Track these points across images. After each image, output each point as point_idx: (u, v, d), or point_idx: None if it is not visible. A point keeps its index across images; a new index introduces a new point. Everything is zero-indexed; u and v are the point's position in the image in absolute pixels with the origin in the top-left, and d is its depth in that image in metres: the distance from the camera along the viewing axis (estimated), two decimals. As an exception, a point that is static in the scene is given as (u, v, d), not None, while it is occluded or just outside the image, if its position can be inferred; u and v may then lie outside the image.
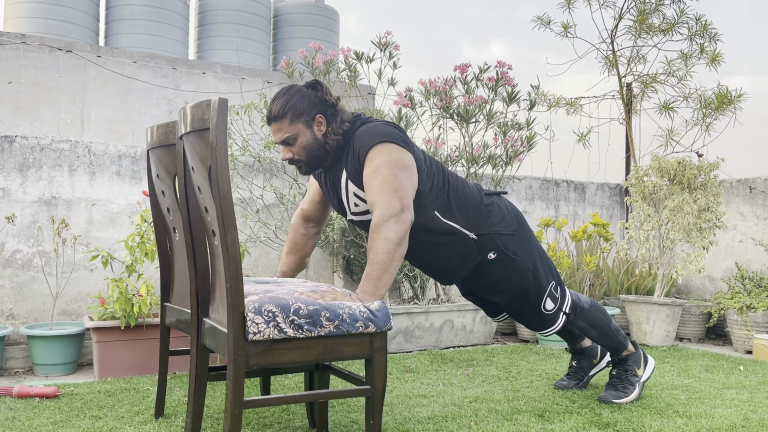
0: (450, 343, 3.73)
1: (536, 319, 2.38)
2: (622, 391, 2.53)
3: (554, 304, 2.37)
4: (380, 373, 1.79)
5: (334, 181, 2.12)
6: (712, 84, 6.51)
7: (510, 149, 3.90)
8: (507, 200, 2.36)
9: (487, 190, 2.33)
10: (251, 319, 1.62)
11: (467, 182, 2.28)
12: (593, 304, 2.51)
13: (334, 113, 2.05)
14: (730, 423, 2.25)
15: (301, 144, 2.02)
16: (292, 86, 2.06)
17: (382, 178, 1.92)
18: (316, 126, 2.03)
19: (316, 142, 2.03)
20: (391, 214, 1.88)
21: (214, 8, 6.74)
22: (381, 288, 1.85)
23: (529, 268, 2.29)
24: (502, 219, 2.25)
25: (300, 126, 2.01)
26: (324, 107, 2.04)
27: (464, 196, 2.21)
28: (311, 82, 2.07)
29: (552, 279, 2.37)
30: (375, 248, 1.86)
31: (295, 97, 2.01)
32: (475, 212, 2.21)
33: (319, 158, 2.07)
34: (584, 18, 6.13)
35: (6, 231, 3.09)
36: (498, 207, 2.27)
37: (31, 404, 2.35)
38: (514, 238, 2.26)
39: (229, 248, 1.60)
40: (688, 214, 3.76)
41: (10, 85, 4.63)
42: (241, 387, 1.61)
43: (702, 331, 4.17)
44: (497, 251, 2.23)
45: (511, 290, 2.31)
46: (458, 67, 3.86)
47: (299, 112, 2.00)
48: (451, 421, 2.25)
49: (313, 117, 2.02)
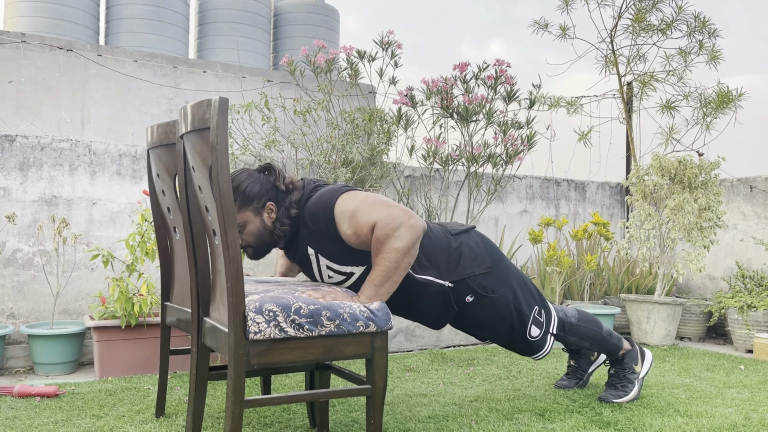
0: (450, 342, 3.73)
1: (524, 347, 2.32)
2: (621, 390, 2.53)
3: (540, 330, 2.32)
4: (381, 372, 1.79)
5: (301, 256, 2.02)
6: (713, 83, 6.51)
7: (510, 148, 3.90)
8: (477, 234, 2.26)
9: (454, 229, 2.23)
10: (252, 318, 1.62)
11: (431, 227, 2.18)
12: (582, 317, 2.47)
13: (283, 199, 1.95)
14: (731, 422, 2.25)
15: (250, 232, 1.93)
16: (243, 170, 1.97)
17: (368, 206, 1.84)
18: (267, 213, 1.94)
19: (266, 229, 1.94)
20: (399, 223, 1.81)
21: (214, 7, 6.73)
22: (382, 294, 1.82)
23: (509, 300, 2.22)
24: (474, 258, 2.16)
25: (249, 214, 1.92)
26: (275, 193, 1.95)
27: (432, 244, 2.11)
28: (263, 166, 1.99)
29: (535, 304, 2.30)
30: (381, 256, 1.81)
31: (245, 182, 1.92)
32: (445, 259, 2.12)
33: (269, 245, 1.98)
34: (583, 17, 6.13)
35: (7, 230, 3.09)
36: (468, 246, 2.18)
37: (32, 403, 2.35)
38: (489, 276, 2.18)
39: (229, 247, 1.60)
40: (689, 213, 3.75)
41: (11, 84, 4.63)
42: (242, 386, 1.61)
43: (703, 330, 4.17)
44: (474, 294, 2.16)
45: (496, 325, 2.25)
46: (457, 66, 3.86)
47: (248, 200, 1.91)
48: (452, 420, 2.25)
49: (263, 204, 1.93)
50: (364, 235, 1.85)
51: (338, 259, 1.96)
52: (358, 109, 3.70)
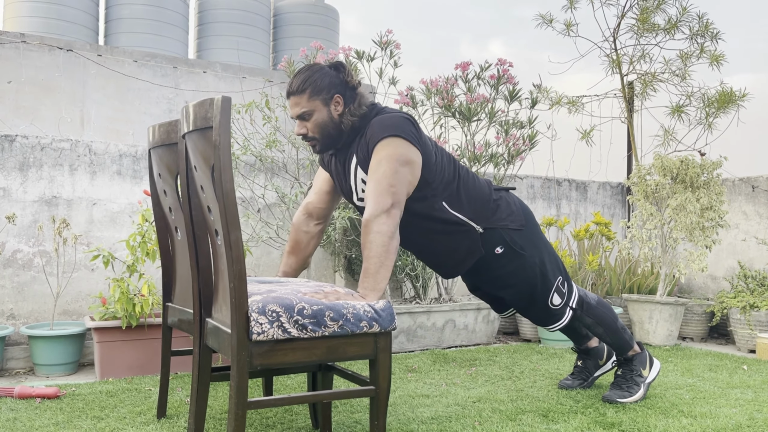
0: (452, 342, 3.72)
1: (543, 314, 2.38)
2: (627, 390, 2.52)
3: (561, 299, 2.38)
4: (385, 373, 1.77)
5: (345, 164, 2.13)
6: (715, 82, 6.49)
7: (512, 148, 3.89)
8: (515, 196, 2.37)
9: (497, 186, 2.33)
10: (255, 319, 1.61)
11: (478, 176, 2.29)
12: (600, 301, 2.51)
13: (353, 96, 2.07)
14: (736, 423, 2.24)
15: (316, 121, 2.04)
16: (315, 64, 2.08)
17: (381, 172, 1.94)
18: (334, 105, 2.04)
19: (332, 121, 2.05)
20: (382, 210, 1.90)
21: (213, 7, 6.72)
22: (381, 282, 1.85)
23: (536, 263, 2.29)
24: (510, 214, 2.26)
25: (317, 103, 2.02)
26: (344, 88, 2.06)
27: (474, 189, 2.22)
28: (335, 63, 2.09)
29: (559, 274, 2.37)
30: (369, 243, 1.87)
31: (317, 74, 2.03)
32: (483, 206, 2.21)
33: (333, 138, 2.08)
34: (586, 16, 6.17)
35: (6, 231, 3.08)
36: (506, 202, 2.29)
37: (33, 405, 2.34)
38: (522, 234, 2.27)
39: (232, 248, 1.59)
40: (691, 212, 3.74)
41: (10, 84, 4.61)
42: (244, 388, 1.59)
43: (705, 330, 4.15)
44: (504, 246, 2.24)
45: (519, 285, 2.31)
46: (459, 66, 3.85)
47: (318, 89, 2.02)
48: (454, 421, 2.23)
49: (331, 96, 2.03)
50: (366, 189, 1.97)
51: None
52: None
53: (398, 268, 3.78)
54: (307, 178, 3.78)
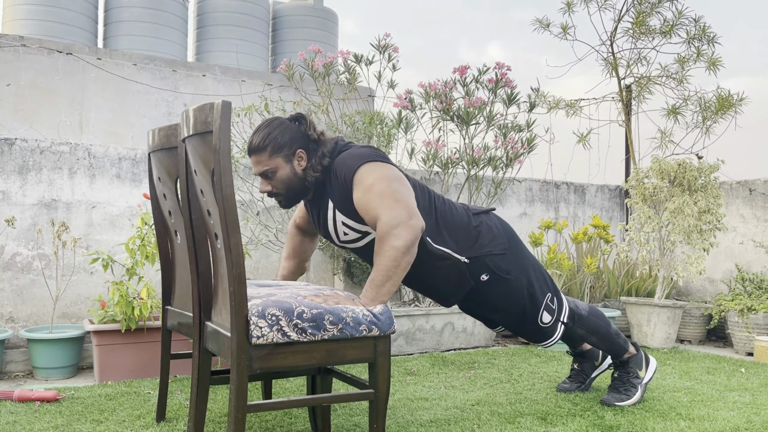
0: (451, 345, 3.73)
1: (535, 333, 2.36)
2: (624, 393, 2.52)
3: (551, 316, 2.35)
4: (384, 376, 1.78)
5: (321, 211, 2.08)
6: (712, 86, 6.51)
7: (510, 151, 3.90)
8: (496, 217, 2.32)
9: (474, 209, 2.28)
10: (255, 322, 1.61)
11: (454, 204, 2.23)
12: (592, 311, 2.49)
13: (315, 148, 2.01)
14: (734, 425, 2.24)
15: (280, 178, 1.99)
16: (275, 119, 2.02)
17: (379, 193, 1.88)
18: (297, 161, 1.99)
19: (296, 176, 2.00)
20: (398, 222, 1.83)
21: (212, 10, 6.73)
22: (383, 295, 1.83)
23: (523, 284, 2.26)
24: (492, 239, 2.21)
25: (279, 160, 1.97)
26: (306, 142, 2.00)
27: (452, 219, 2.16)
28: (295, 115, 2.04)
29: (548, 291, 2.34)
30: (381, 255, 1.83)
31: (277, 130, 1.98)
32: (464, 235, 2.16)
33: (298, 192, 2.03)
34: (583, 20, 6.15)
35: (6, 234, 3.08)
36: (487, 226, 2.23)
37: (32, 408, 2.34)
38: (506, 257, 2.22)
39: (232, 251, 1.59)
40: (689, 216, 3.76)
41: (9, 87, 4.62)
42: (244, 391, 1.60)
43: (703, 333, 4.17)
44: (489, 273, 2.20)
45: (508, 308, 2.28)
46: (457, 69, 3.86)
47: (279, 146, 1.97)
48: (453, 424, 2.24)
49: (293, 151, 1.99)
50: (368, 219, 1.91)
51: (356, 217, 2.00)
52: (358, 113, 3.70)
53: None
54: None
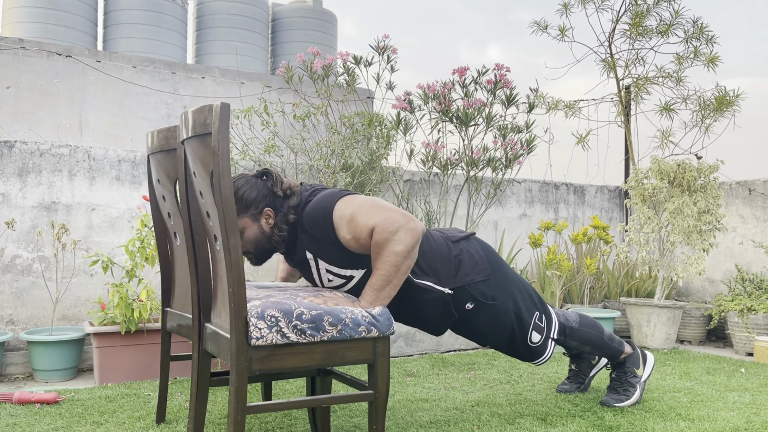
0: (451, 346, 3.73)
1: (525, 352, 2.33)
2: (623, 394, 2.53)
3: (540, 335, 2.32)
4: (383, 377, 1.78)
5: (301, 263, 2.02)
6: (711, 86, 6.51)
7: (509, 152, 3.91)
8: (476, 241, 2.26)
9: (453, 236, 2.23)
10: (254, 324, 1.62)
11: (431, 234, 2.18)
12: (583, 321, 2.47)
13: (281, 204, 1.95)
14: (733, 426, 2.24)
15: (248, 238, 1.94)
16: (240, 176, 1.98)
17: (367, 210, 1.84)
18: (264, 219, 1.94)
19: (263, 235, 1.95)
20: (398, 226, 1.80)
21: (212, 12, 6.74)
22: (383, 299, 1.82)
23: (509, 307, 2.22)
24: (474, 266, 2.16)
25: (246, 220, 1.93)
26: (272, 199, 1.95)
27: (432, 250, 2.11)
28: (261, 172, 1.99)
29: (535, 310, 2.31)
30: (381, 260, 1.80)
31: (243, 188, 1.93)
32: (445, 266, 2.11)
33: (268, 250, 1.99)
34: (581, 22, 6.14)
35: (6, 236, 3.08)
36: (468, 254, 2.18)
37: (32, 410, 2.34)
38: (489, 283, 2.18)
39: (231, 253, 1.59)
40: (688, 216, 3.76)
41: (9, 89, 4.62)
42: (244, 392, 1.60)
43: (703, 333, 4.17)
44: (474, 301, 2.16)
45: (496, 331, 2.25)
46: (457, 71, 3.87)
47: (246, 206, 1.92)
48: (453, 425, 2.24)
49: (260, 210, 1.93)
50: (363, 239, 1.85)
51: (338, 263, 1.96)
52: (357, 114, 3.70)
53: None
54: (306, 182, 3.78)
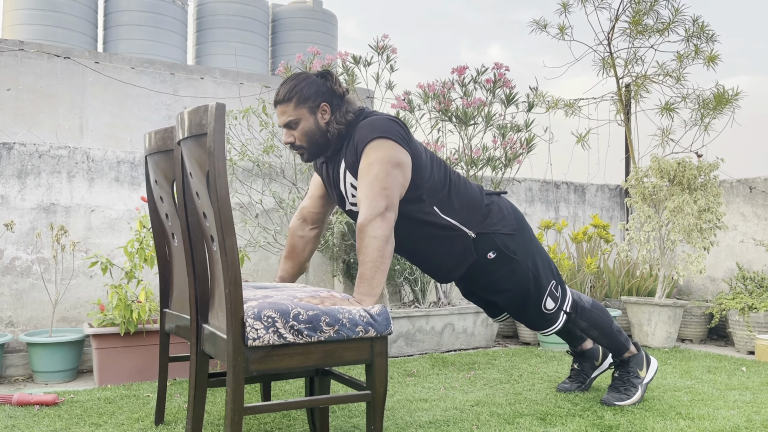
0: (451, 346, 3.72)
1: (537, 319, 2.38)
2: (624, 393, 2.52)
3: (555, 303, 2.38)
4: (381, 377, 1.78)
5: (334, 171, 2.13)
6: (710, 84, 6.50)
7: (509, 151, 3.90)
8: (507, 200, 2.37)
9: (488, 191, 2.34)
10: (251, 324, 1.61)
11: (469, 181, 2.28)
12: (595, 304, 2.51)
13: (339, 104, 2.07)
14: (734, 424, 2.24)
15: (303, 129, 2.04)
16: (301, 72, 2.08)
17: (373, 175, 1.94)
18: (320, 114, 2.05)
19: (318, 129, 2.05)
20: (377, 213, 1.90)
21: (212, 13, 6.74)
22: (376, 287, 1.85)
23: (528, 267, 2.29)
24: (502, 218, 2.26)
25: (304, 111, 2.03)
26: (330, 96, 2.06)
27: (465, 193, 2.21)
28: (322, 72, 2.09)
29: (552, 278, 2.37)
30: (364, 247, 1.88)
31: (303, 83, 2.03)
32: (475, 210, 2.21)
33: (320, 146, 2.08)
34: (581, 20, 6.15)
35: (5, 238, 3.08)
36: (498, 207, 2.28)
37: (31, 412, 2.34)
38: (514, 238, 2.27)
39: (227, 253, 1.59)
40: (689, 214, 3.75)
41: (9, 92, 4.63)
42: (241, 393, 1.60)
43: (704, 332, 4.15)
44: (497, 251, 2.24)
45: (511, 290, 2.31)
46: (456, 70, 3.86)
47: (305, 98, 2.02)
48: (452, 425, 2.23)
49: (318, 104, 2.04)
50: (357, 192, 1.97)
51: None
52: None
53: (397, 273, 3.78)
54: (305, 183, 3.78)
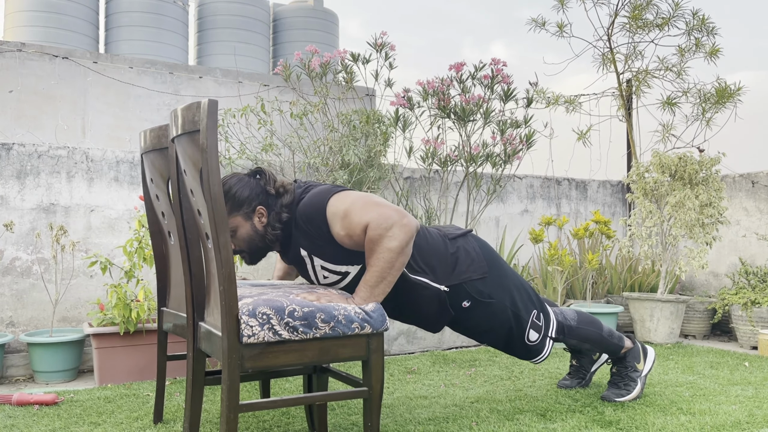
0: (452, 343, 3.71)
1: (523, 351, 2.31)
2: (624, 388, 2.50)
3: (538, 334, 2.30)
4: (377, 374, 1.77)
5: (296, 260, 2.02)
6: (711, 79, 6.47)
7: (509, 147, 3.88)
8: (473, 239, 2.25)
9: (450, 233, 2.22)
10: (245, 321, 1.61)
11: (428, 230, 2.17)
12: (581, 319, 2.44)
13: (274, 202, 1.94)
14: (735, 419, 2.22)
15: (241, 237, 1.92)
16: (233, 175, 1.95)
17: (360, 207, 1.83)
18: (257, 218, 1.93)
19: (257, 234, 1.93)
20: (392, 222, 1.80)
21: (213, 13, 6.75)
22: (377, 295, 1.81)
23: (507, 305, 2.20)
24: (471, 263, 2.15)
25: (239, 219, 1.91)
26: (265, 197, 1.93)
27: (428, 247, 2.09)
28: (254, 170, 1.98)
29: (533, 308, 2.29)
30: (375, 256, 1.80)
31: (236, 187, 1.91)
32: (442, 263, 2.10)
33: (261, 249, 1.97)
34: (580, 17, 6.13)
35: (5, 238, 3.09)
36: (464, 251, 2.17)
37: (31, 411, 2.35)
38: (485, 281, 2.16)
39: (221, 250, 1.59)
40: (690, 209, 3.73)
41: (11, 93, 4.64)
42: (236, 390, 1.59)
43: (707, 327, 4.13)
44: (470, 299, 2.14)
45: (493, 329, 2.24)
46: (453, 66, 3.85)
47: (238, 204, 1.90)
48: (452, 422, 2.23)
49: (253, 209, 1.92)
50: (357, 236, 1.84)
51: (332, 259, 1.95)
52: (354, 112, 3.69)
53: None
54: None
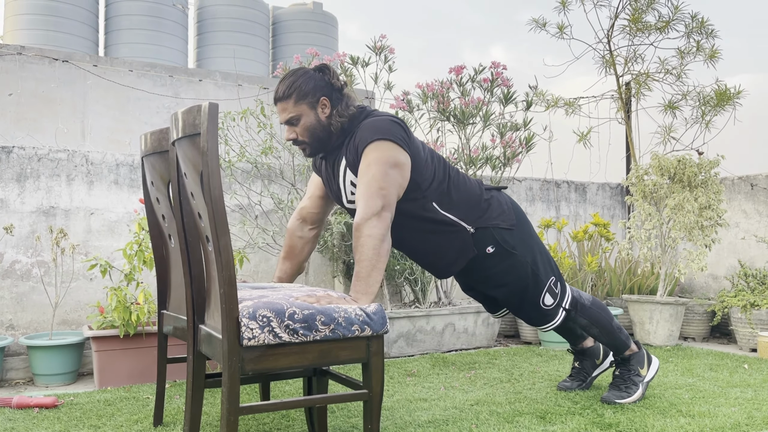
0: (452, 346, 3.71)
1: (535, 314, 2.38)
2: (625, 391, 2.51)
3: (553, 300, 2.37)
4: (378, 376, 1.77)
5: (334, 167, 2.15)
6: (711, 81, 6.49)
7: (508, 150, 3.89)
8: (507, 195, 2.38)
9: (488, 185, 2.35)
10: (246, 324, 1.61)
11: (468, 177, 2.30)
12: (595, 302, 2.50)
13: (339, 97, 2.09)
14: (734, 422, 2.22)
15: (305, 125, 2.06)
16: (299, 68, 2.09)
17: (371, 176, 1.96)
18: (320, 108, 2.06)
19: (320, 124, 2.07)
20: (373, 213, 1.91)
21: (212, 16, 6.76)
22: (373, 285, 1.86)
23: (527, 262, 2.30)
24: (501, 213, 2.28)
25: (304, 107, 2.04)
26: (329, 90, 2.07)
27: (464, 189, 2.23)
28: (319, 66, 2.11)
29: (551, 274, 2.37)
30: (360, 246, 1.89)
31: (301, 78, 2.05)
32: (474, 206, 2.23)
33: (322, 140, 2.10)
34: (580, 19, 6.13)
35: (5, 241, 3.09)
36: (497, 201, 2.30)
37: (30, 415, 2.34)
38: (513, 233, 2.27)
39: (222, 253, 1.59)
40: (689, 212, 3.73)
41: (11, 97, 4.64)
42: (236, 393, 1.59)
43: (706, 330, 4.14)
44: (495, 245, 2.25)
45: (510, 284, 2.31)
46: (453, 69, 3.86)
47: (304, 94, 2.04)
48: (451, 424, 2.23)
49: (317, 99, 2.05)
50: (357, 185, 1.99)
51: None
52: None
53: (397, 273, 3.78)
54: (304, 185, 3.78)
